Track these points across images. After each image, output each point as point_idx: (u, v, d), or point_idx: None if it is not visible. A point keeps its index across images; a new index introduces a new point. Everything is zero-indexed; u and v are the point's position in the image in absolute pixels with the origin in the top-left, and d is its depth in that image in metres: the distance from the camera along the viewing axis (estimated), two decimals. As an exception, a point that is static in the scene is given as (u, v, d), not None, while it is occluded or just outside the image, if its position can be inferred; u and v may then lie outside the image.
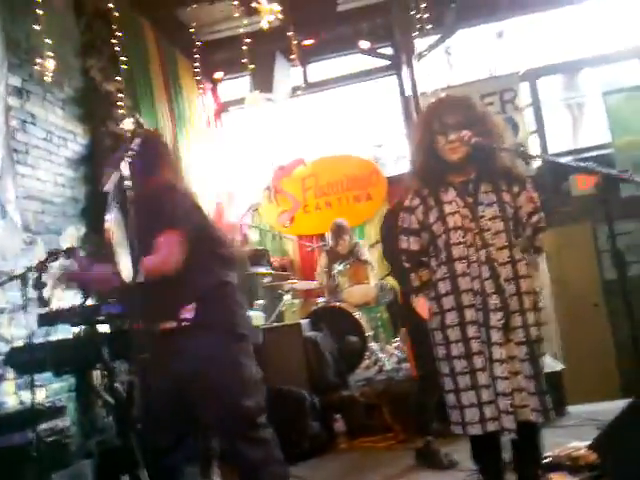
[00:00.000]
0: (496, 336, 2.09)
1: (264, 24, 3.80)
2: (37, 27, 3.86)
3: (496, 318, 2.10)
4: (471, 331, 2.12)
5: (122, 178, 1.90)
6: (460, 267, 2.16)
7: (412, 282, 2.33)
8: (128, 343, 3.02)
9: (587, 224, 6.04)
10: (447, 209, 2.20)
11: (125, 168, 1.92)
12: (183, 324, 2.26)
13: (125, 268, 1.89)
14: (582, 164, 2.15)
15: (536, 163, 6.00)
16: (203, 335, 2.25)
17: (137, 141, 2.13)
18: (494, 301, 2.11)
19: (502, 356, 2.07)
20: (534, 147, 6.55)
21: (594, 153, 6.26)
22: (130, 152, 2.02)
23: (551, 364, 3.82)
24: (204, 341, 2.25)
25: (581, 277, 6.02)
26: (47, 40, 3.91)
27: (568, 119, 6.91)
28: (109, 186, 1.87)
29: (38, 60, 3.85)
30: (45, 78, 3.84)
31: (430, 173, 2.28)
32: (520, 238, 2.22)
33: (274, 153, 7.18)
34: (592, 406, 3.90)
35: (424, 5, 5.21)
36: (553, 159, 2.23)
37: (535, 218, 2.25)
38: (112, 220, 1.85)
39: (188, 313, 2.27)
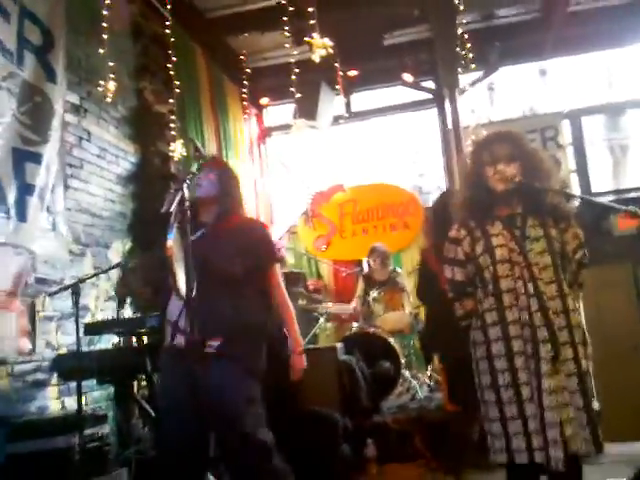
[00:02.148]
0: (545, 367, 2.10)
1: (316, 58, 3.93)
2: (101, 50, 4.05)
3: (545, 350, 2.11)
4: (519, 362, 2.14)
5: (183, 200, 1.99)
6: (508, 299, 2.18)
7: (455, 311, 2.36)
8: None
9: (628, 264, 5.98)
10: (495, 241, 2.24)
11: (186, 190, 2.02)
12: (207, 349, 2.28)
13: (181, 285, 1.97)
14: (624, 207, 2.16)
15: (577, 201, 5.98)
16: (221, 364, 2.30)
17: (208, 169, 2.29)
18: (543, 333, 2.12)
19: (551, 387, 2.08)
20: (575, 185, 6.54)
21: (636, 194, 6.23)
22: (191, 176, 2.12)
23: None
24: (220, 371, 2.30)
25: (620, 317, 5.94)
26: (109, 63, 4.09)
27: (610, 159, 6.89)
28: (168, 207, 1.97)
29: (101, 82, 4.03)
30: (106, 99, 4.02)
31: (477, 204, 2.32)
32: (567, 273, 2.25)
33: (314, 178, 7.30)
34: (627, 445, 3.85)
35: (469, 44, 5.30)
36: (595, 200, 2.26)
37: (580, 254, 2.29)
38: (173, 239, 1.93)
39: (216, 340, 2.32)
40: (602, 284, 5.82)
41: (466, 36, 5.27)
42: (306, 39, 3.98)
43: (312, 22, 4.19)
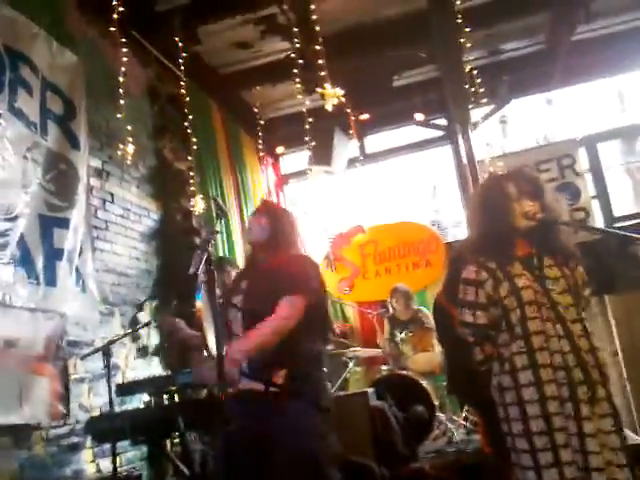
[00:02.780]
0: (585, 410, 2.05)
1: (328, 107, 4.02)
2: (119, 115, 4.19)
3: (582, 391, 2.06)
4: (552, 407, 2.08)
5: (209, 260, 2.03)
6: (537, 341, 2.14)
7: (475, 355, 2.30)
8: (201, 413, 3.14)
9: (657, 289, 5.86)
10: (519, 283, 2.20)
11: (211, 250, 2.06)
12: (272, 389, 2.28)
13: (211, 343, 2.00)
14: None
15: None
16: (290, 403, 2.28)
17: (259, 213, 2.35)
18: (578, 374, 2.08)
19: (593, 430, 2.03)
20: (597, 211, 6.50)
21: (659, 216, 6.17)
22: (215, 235, 2.16)
23: (632, 436, 3.66)
24: (290, 409, 2.28)
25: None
26: (128, 127, 4.23)
27: (629, 183, 6.85)
28: (195, 268, 2.00)
29: (121, 145, 4.16)
30: (126, 162, 4.15)
31: (496, 243, 2.29)
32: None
33: (333, 222, 7.36)
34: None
35: (477, 80, 5.37)
36: (615, 231, 2.23)
37: (588, 291, 2.28)
38: (201, 300, 1.97)
39: (280, 378, 2.30)
40: (634, 310, 5.71)
41: (474, 72, 5.34)
42: (318, 90, 4.07)
43: (322, 74, 4.29)
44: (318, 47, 4.63)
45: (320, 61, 4.30)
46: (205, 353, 2.31)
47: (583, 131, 6.77)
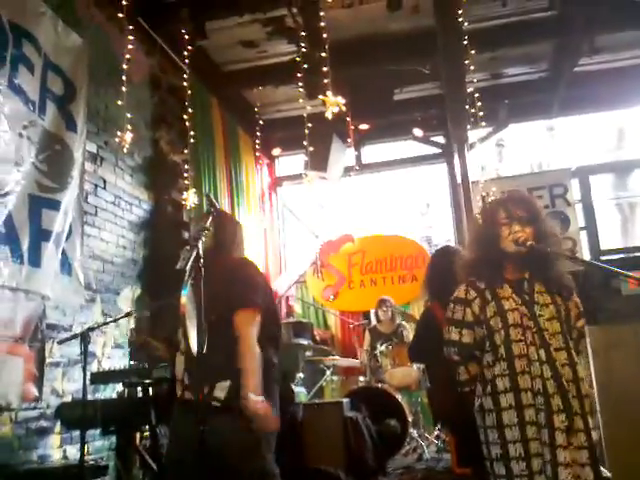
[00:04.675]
0: (560, 438, 2.03)
1: (329, 114, 4.02)
2: (120, 102, 4.16)
3: (559, 420, 2.05)
4: (530, 432, 2.07)
5: (198, 257, 2.00)
6: (520, 365, 2.13)
7: (460, 375, 2.29)
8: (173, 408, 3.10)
9: (637, 324, 5.91)
10: (506, 305, 2.20)
11: (201, 246, 2.03)
12: (212, 402, 2.23)
13: (192, 340, 1.97)
14: (629, 273, 2.14)
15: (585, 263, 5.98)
16: (225, 418, 2.21)
17: (211, 220, 2.25)
18: (557, 402, 2.06)
19: (566, 459, 2.01)
20: (584, 243, 6.55)
21: (645, 253, 6.23)
22: (205, 231, 2.14)
23: (602, 470, 3.67)
24: (230, 423, 2.21)
25: (631, 378, 5.82)
26: (127, 114, 4.20)
27: (618, 217, 6.92)
28: (183, 264, 1.98)
29: (118, 132, 4.13)
30: (122, 149, 4.11)
31: (487, 265, 2.30)
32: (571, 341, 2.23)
33: (324, 228, 7.36)
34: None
35: (478, 102, 5.41)
36: (603, 265, 2.23)
37: (580, 323, 2.27)
38: (187, 296, 1.94)
39: (221, 391, 2.25)
40: (612, 343, 5.73)
41: (476, 94, 5.37)
42: (320, 97, 4.07)
43: (325, 81, 4.29)
44: (323, 54, 4.64)
45: (324, 68, 4.29)
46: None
47: (578, 161, 6.83)
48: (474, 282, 2.30)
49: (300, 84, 5.28)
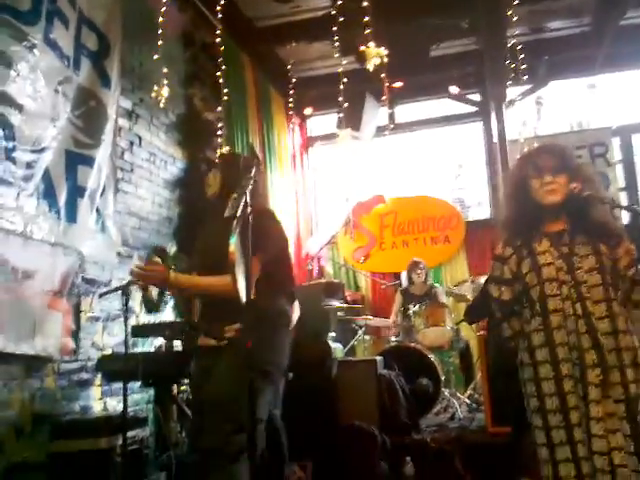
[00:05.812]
0: (594, 393, 2.02)
1: (370, 67, 3.90)
2: (156, 56, 4.12)
3: (594, 374, 2.03)
4: (567, 385, 2.07)
5: (246, 204, 1.99)
6: (555, 320, 2.11)
7: (503, 331, 2.28)
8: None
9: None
10: (541, 260, 2.17)
11: (249, 195, 2.01)
12: (221, 343, 2.30)
13: (241, 288, 1.96)
14: None
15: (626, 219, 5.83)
16: (229, 360, 2.27)
17: (255, 169, 2.23)
18: (592, 356, 2.05)
19: (599, 414, 2.00)
20: (624, 203, 6.38)
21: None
22: (252, 180, 2.11)
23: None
24: (226, 366, 2.27)
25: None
26: (164, 69, 4.16)
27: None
28: (231, 212, 1.96)
29: (155, 87, 4.10)
30: (160, 104, 4.08)
31: (523, 221, 2.25)
32: (619, 292, 2.17)
33: (356, 189, 7.29)
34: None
35: (521, 56, 5.22)
36: None
37: (632, 271, 2.20)
38: (235, 243, 1.92)
39: (232, 332, 2.31)
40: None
41: (517, 49, 5.19)
42: (362, 48, 3.94)
43: (367, 31, 4.16)
44: (361, 6, 4.50)
45: (365, 18, 4.14)
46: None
47: (620, 120, 6.60)
48: (510, 239, 2.28)
49: (335, 38, 5.15)
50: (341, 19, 4.91)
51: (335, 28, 4.99)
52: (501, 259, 2.28)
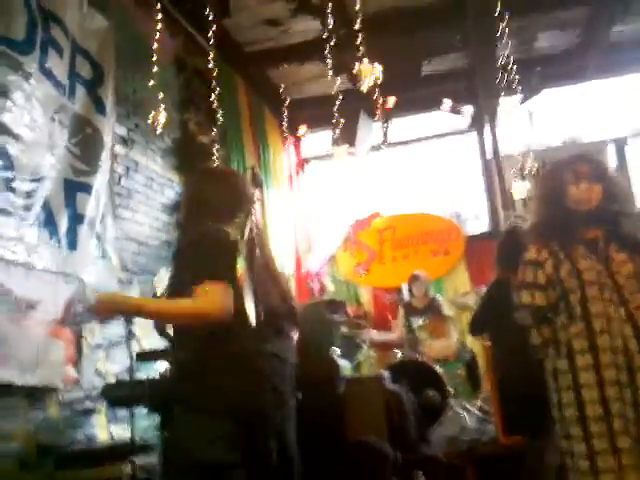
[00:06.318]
0: None
1: (364, 87, 3.90)
2: (151, 82, 4.15)
3: None
4: (612, 392, 2.03)
5: (252, 227, 1.99)
6: (599, 324, 2.08)
7: (532, 339, 2.23)
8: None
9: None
10: (582, 264, 2.15)
11: (254, 218, 2.01)
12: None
13: (250, 311, 1.94)
14: None
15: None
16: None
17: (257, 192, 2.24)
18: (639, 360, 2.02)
19: None
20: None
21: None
22: (255, 203, 2.11)
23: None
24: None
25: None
26: (159, 94, 4.19)
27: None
28: (237, 235, 1.95)
29: (152, 112, 4.12)
30: (157, 130, 4.10)
31: (558, 225, 2.24)
32: None
33: (352, 206, 7.30)
34: None
35: (511, 69, 5.27)
36: None
37: None
38: (243, 266, 1.91)
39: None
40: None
41: (509, 61, 5.24)
42: (356, 66, 3.95)
43: (359, 52, 4.19)
44: (352, 27, 4.53)
45: (357, 39, 4.17)
46: None
47: (612, 130, 6.65)
48: (545, 243, 2.24)
49: (327, 60, 5.20)
50: (332, 42, 4.94)
51: (326, 50, 5.04)
52: (535, 263, 2.24)
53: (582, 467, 2.05)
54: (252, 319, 1.90)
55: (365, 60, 3.82)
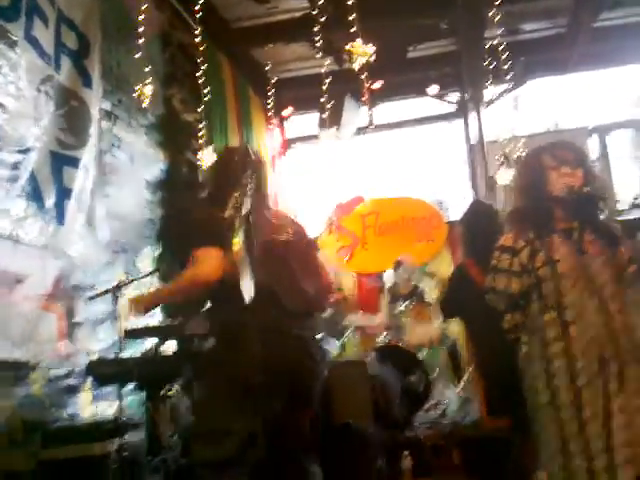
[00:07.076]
0: (614, 386, 2.02)
1: (356, 66, 3.86)
2: (137, 55, 4.05)
3: (613, 367, 2.04)
4: (582, 380, 2.05)
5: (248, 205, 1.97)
6: (571, 314, 2.10)
7: (505, 323, 2.25)
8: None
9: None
10: (556, 254, 2.16)
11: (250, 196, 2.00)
12: None
13: (246, 288, 1.94)
14: None
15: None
16: None
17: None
18: (610, 350, 2.05)
19: (620, 406, 2.00)
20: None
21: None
22: (252, 180, 2.10)
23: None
24: None
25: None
26: (145, 69, 4.09)
27: (636, 174, 6.85)
28: (233, 212, 1.95)
29: (135, 87, 4.02)
30: (142, 103, 4.00)
31: (537, 214, 2.24)
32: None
33: (336, 189, 7.27)
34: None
35: (497, 57, 5.28)
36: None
37: (632, 268, 2.22)
38: (241, 243, 1.90)
39: None
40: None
41: (496, 48, 5.24)
42: (348, 47, 3.90)
43: (347, 31, 4.15)
44: (340, 7, 4.47)
45: (350, 17, 4.12)
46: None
47: (595, 119, 6.73)
48: (522, 230, 2.24)
49: (315, 39, 5.13)
50: (322, 19, 4.87)
51: (314, 29, 4.97)
52: (510, 250, 2.23)
53: (553, 450, 2.07)
54: (247, 291, 1.90)
55: (359, 40, 3.75)
